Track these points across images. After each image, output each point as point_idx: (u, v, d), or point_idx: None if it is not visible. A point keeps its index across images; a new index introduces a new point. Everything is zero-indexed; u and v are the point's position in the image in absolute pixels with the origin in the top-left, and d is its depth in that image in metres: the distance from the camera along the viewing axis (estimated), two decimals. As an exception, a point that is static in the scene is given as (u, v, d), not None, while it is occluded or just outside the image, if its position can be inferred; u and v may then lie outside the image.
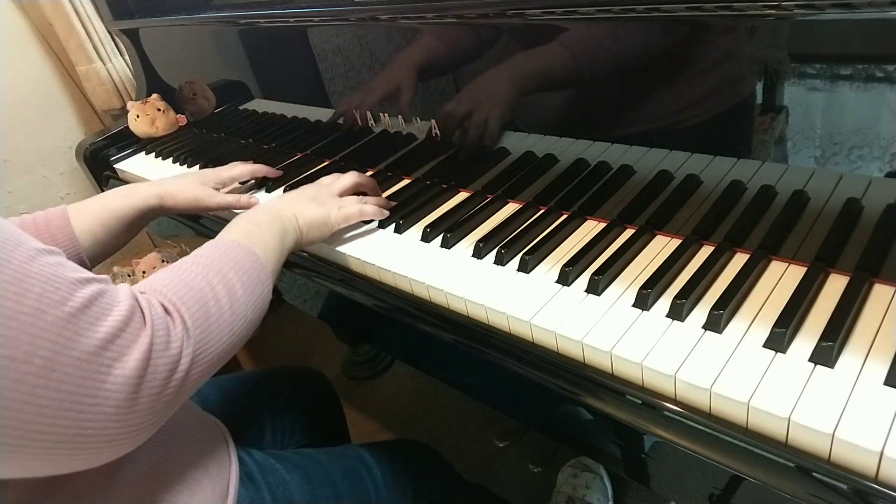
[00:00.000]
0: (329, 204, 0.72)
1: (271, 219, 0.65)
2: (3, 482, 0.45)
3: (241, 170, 0.88)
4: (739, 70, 0.53)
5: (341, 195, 0.75)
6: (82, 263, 0.70)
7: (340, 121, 0.93)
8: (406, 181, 0.87)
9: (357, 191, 0.78)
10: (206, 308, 0.48)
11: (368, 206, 0.73)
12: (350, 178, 0.78)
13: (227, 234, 0.59)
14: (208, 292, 0.49)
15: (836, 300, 0.48)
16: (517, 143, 0.73)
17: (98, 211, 0.72)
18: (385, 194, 0.83)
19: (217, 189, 0.83)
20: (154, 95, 1.25)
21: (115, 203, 0.74)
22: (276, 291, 0.87)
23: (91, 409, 0.38)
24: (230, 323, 0.50)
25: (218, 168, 0.87)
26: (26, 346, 0.35)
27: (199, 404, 0.69)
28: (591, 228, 0.67)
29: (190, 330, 0.46)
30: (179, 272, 0.51)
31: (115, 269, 1.35)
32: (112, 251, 0.75)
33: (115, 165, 1.23)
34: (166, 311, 0.45)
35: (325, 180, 0.78)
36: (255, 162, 0.94)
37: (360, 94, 0.86)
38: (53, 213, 0.70)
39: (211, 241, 0.57)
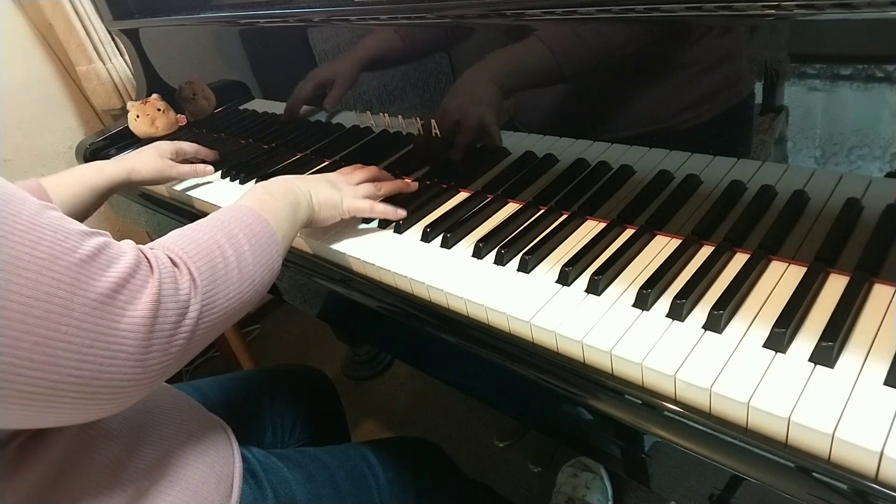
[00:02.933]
0: (344, 189, 0.73)
1: (285, 190, 0.66)
2: (18, 473, 0.46)
3: (188, 146, 1.00)
4: (739, 70, 0.53)
5: (357, 185, 0.76)
6: None
7: (334, 120, 0.93)
8: (409, 179, 0.87)
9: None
10: (212, 264, 0.50)
11: (380, 206, 0.74)
12: (369, 170, 0.80)
13: (240, 201, 0.61)
14: (216, 250, 0.51)
15: (836, 300, 0.48)
16: (517, 143, 0.73)
17: (73, 184, 0.79)
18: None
19: (173, 160, 0.94)
20: (154, 95, 1.25)
21: (89, 177, 0.82)
22: (276, 291, 0.87)
23: (111, 348, 0.40)
24: (237, 281, 0.51)
25: (170, 141, 0.97)
26: (46, 287, 0.37)
27: (201, 402, 0.69)
28: (591, 228, 0.67)
29: (197, 281, 0.47)
30: (188, 231, 0.52)
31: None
32: (81, 221, 0.79)
33: (115, 165, 1.23)
34: (172, 262, 0.47)
35: (345, 170, 0.81)
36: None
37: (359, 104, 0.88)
38: (30, 185, 0.74)
39: (223, 207, 0.59)
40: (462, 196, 0.79)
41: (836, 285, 0.51)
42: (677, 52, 0.55)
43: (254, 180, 0.97)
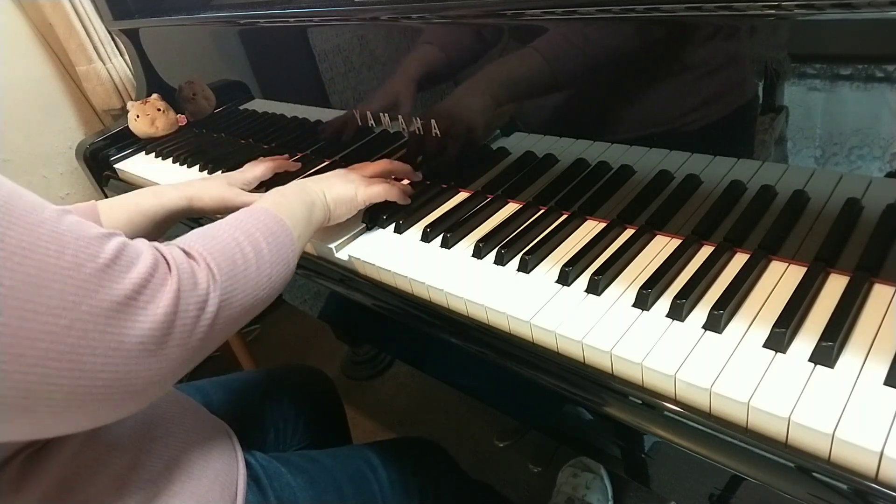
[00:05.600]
0: (357, 182, 0.74)
1: (299, 191, 0.67)
2: (22, 489, 0.45)
3: (262, 169, 0.91)
4: (739, 70, 0.53)
5: (371, 177, 0.77)
6: None
7: (341, 124, 0.93)
8: (407, 181, 0.87)
9: (388, 177, 0.80)
10: (232, 260, 0.50)
11: (394, 189, 0.75)
12: (381, 163, 0.80)
13: (256, 204, 0.61)
14: (234, 247, 0.51)
15: (836, 300, 0.48)
16: (517, 143, 0.73)
17: (127, 209, 0.75)
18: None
19: (244, 189, 0.86)
20: (154, 95, 1.25)
21: (145, 202, 0.76)
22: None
23: (136, 347, 0.40)
24: (255, 279, 0.52)
25: (240, 170, 0.91)
26: (72, 297, 0.37)
27: (203, 404, 0.68)
28: (591, 228, 0.67)
29: (216, 275, 0.48)
30: (206, 230, 0.53)
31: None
32: None
33: (115, 165, 1.23)
34: (190, 256, 0.47)
35: (357, 165, 0.81)
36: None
37: (362, 104, 0.87)
38: (83, 208, 0.72)
39: (240, 210, 0.59)
40: (462, 196, 0.79)
41: (836, 285, 0.51)
42: (677, 52, 0.55)
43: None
